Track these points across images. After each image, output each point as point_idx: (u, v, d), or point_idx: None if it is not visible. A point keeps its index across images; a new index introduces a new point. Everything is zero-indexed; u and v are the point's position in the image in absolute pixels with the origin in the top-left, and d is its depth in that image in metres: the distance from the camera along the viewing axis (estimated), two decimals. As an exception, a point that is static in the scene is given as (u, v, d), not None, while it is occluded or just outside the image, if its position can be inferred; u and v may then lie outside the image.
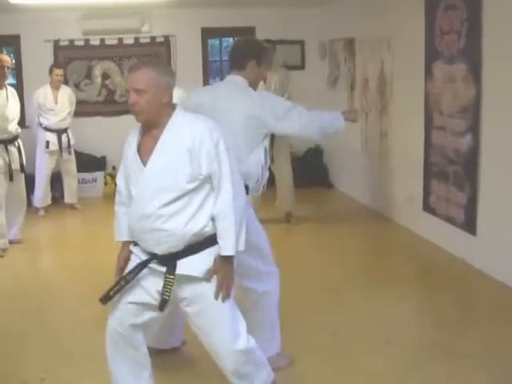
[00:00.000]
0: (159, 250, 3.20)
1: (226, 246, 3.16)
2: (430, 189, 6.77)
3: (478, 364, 4.15)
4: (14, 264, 6.66)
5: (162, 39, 10.19)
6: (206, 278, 3.19)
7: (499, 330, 4.66)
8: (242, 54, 4.06)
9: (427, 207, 6.86)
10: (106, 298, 3.32)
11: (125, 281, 3.29)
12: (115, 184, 8.65)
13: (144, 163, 3.18)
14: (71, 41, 9.94)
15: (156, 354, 4.09)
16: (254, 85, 4.10)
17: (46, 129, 8.66)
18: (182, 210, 3.14)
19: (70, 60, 9.97)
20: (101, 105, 10.16)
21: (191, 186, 3.12)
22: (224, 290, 3.19)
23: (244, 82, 4.02)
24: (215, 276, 3.20)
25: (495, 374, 4.03)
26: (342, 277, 5.91)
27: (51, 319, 5.17)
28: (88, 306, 5.19)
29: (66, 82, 9.21)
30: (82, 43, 10.01)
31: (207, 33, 10.25)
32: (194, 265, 3.20)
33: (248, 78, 4.03)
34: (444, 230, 6.52)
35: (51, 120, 8.66)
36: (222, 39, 11.04)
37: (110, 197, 9.61)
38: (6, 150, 6.77)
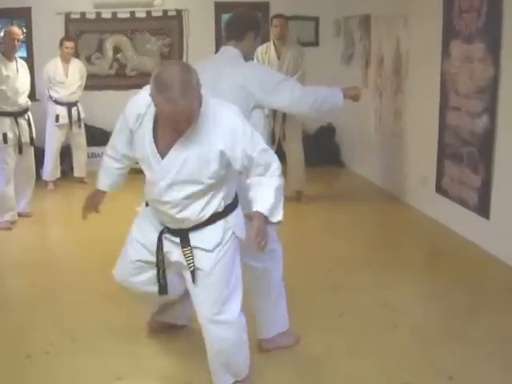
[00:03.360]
0: (172, 226, 3.33)
1: (262, 206, 3.17)
2: (444, 170, 6.70)
3: (488, 350, 4.12)
4: (22, 237, 6.67)
5: (175, 13, 10.10)
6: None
7: (510, 316, 4.62)
8: (242, 25, 4.10)
9: (440, 189, 6.80)
10: (162, 289, 3.55)
11: (162, 263, 3.46)
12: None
13: (161, 154, 3.13)
14: (83, 14, 9.87)
15: (162, 329, 4.16)
16: (247, 57, 4.11)
17: (56, 102, 8.62)
18: (197, 199, 3.20)
19: (81, 33, 9.91)
20: (112, 78, 10.10)
21: (212, 181, 3.16)
22: (260, 238, 3.14)
23: (238, 54, 4.02)
24: (219, 247, 3.30)
25: (505, 360, 3.99)
26: (352, 258, 5.89)
27: (57, 293, 5.16)
28: (95, 280, 5.27)
29: (76, 55, 9.16)
30: (93, 16, 9.93)
31: (220, 7, 10.12)
32: (205, 238, 3.29)
33: (243, 50, 4.04)
34: (456, 212, 6.46)
35: (61, 93, 8.62)
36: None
37: (119, 171, 9.63)
38: (16, 122, 6.77)
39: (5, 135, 6.65)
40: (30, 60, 9.26)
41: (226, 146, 3.08)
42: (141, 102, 3.24)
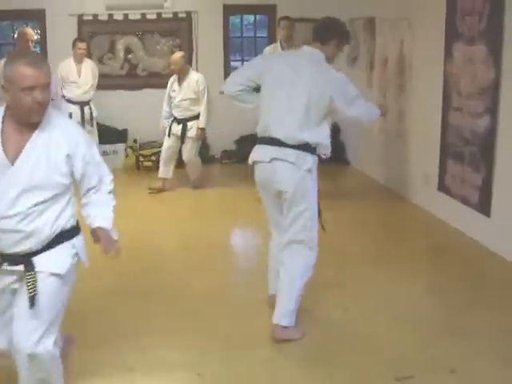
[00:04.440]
0: (18, 249, 3.08)
1: (105, 222, 3.26)
2: (446, 169, 6.78)
3: (489, 345, 4.18)
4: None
5: (184, 15, 10.24)
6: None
7: (510, 311, 4.70)
8: (330, 29, 4.36)
9: (442, 187, 6.87)
10: None
11: None
12: (136, 156, 8.83)
13: (10, 160, 3.00)
14: (95, 15, 10.04)
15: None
16: (327, 62, 4.30)
17: (69, 101, 8.76)
18: (48, 207, 3.08)
19: (94, 34, 10.08)
20: (123, 78, 10.27)
21: (63, 187, 3.11)
22: (112, 246, 3.21)
23: (322, 55, 4.25)
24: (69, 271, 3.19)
25: (505, 355, 4.04)
26: (355, 254, 5.96)
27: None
28: (102, 276, 5.27)
29: (89, 56, 9.28)
30: (105, 18, 10.10)
31: (229, 9, 10.26)
32: (54, 262, 3.15)
33: (325, 53, 4.27)
34: (458, 210, 6.53)
35: (74, 92, 8.77)
36: (244, 16, 11.05)
37: (130, 168, 9.80)
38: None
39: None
40: (43, 61, 9.41)
41: (70, 152, 3.08)
42: None
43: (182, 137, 8.45)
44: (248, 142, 8.33)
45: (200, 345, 4.20)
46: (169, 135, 8.50)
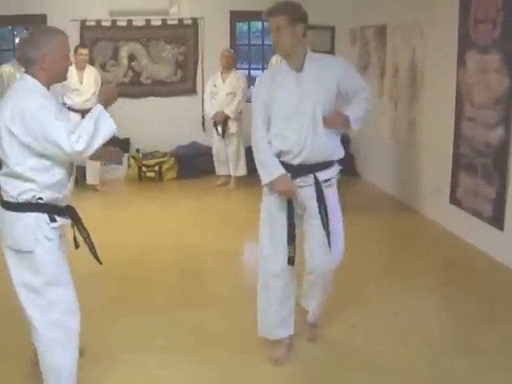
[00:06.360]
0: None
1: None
2: (458, 181, 6.67)
3: (499, 361, 4.11)
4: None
5: (190, 21, 10.13)
6: None
7: (523, 328, 4.61)
8: None
9: (454, 200, 6.77)
10: None
11: None
12: (138, 166, 8.72)
13: None
14: (98, 21, 9.93)
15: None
16: None
17: (70, 109, 8.61)
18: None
19: (97, 40, 9.97)
20: (126, 86, 10.08)
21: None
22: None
23: None
24: None
25: None
26: (364, 268, 5.87)
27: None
28: (104, 287, 5.35)
29: (91, 63, 9.20)
30: (108, 24, 9.99)
31: (236, 16, 10.16)
32: None
33: None
34: (471, 223, 6.44)
35: (75, 100, 8.65)
36: (251, 23, 10.93)
37: (132, 179, 9.67)
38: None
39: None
40: (44, 67, 9.30)
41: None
42: None
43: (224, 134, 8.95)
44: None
45: (201, 362, 4.13)
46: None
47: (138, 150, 9.89)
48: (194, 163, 9.80)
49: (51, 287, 3.43)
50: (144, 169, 9.66)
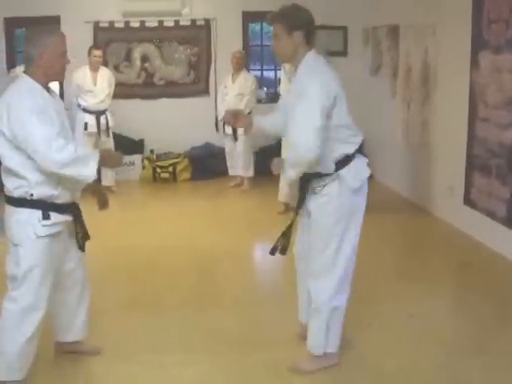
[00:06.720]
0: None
1: None
2: (472, 182, 6.64)
3: None
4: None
5: (203, 22, 10.14)
6: None
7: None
8: None
9: (468, 200, 6.73)
10: None
11: None
12: (153, 167, 8.78)
13: None
14: (111, 22, 9.96)
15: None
16: None
17: (85, 110, 8.68)
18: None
19: (110, 42, 9.99)
20: (140, 87, 10.15)
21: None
22: None
23: None
24: None
25: None
26: (378, 269, 5.84)
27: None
28: (121, 288, 5.37)
29: (105, 64, 9.22)
30: (121, 25, 10.01)
31: (248, 17, 10.17)
32: None
33: None
34: (485, 224, 6.40)
35: (90, 101, 8.67)
36: (263, 24, 10.90)
37: (147, 180, 9.69)
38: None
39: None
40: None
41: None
42: None
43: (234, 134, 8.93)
44: (267, 153, 8.30)
45: (218, 364, 4.13)
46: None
47: (152, 151, 9.91)
48: (207, 164, 9.83)
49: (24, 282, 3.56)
50: (158, 170, 9.68)
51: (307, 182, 3.87)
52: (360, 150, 3.98)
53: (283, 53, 3.86)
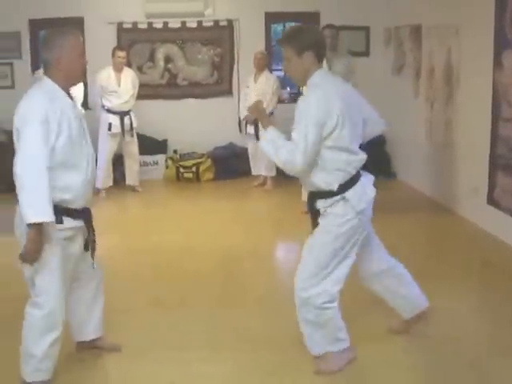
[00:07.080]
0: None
1: None
2: (496, 181, 6.62)
3: None
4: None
5: (226, 23, 10.18)
6: None
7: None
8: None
9: (492, 200, 6.71)
10: None
11: None
12: (176, 167, 8.84)
13: None
14: (134, 23, 10.03)
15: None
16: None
17: (109, 111, 8.74)
18: None
19: (133, 43, 10.06)
20: (163, 88, 10.21)
21: None
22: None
23: None
24: None
25: None
26: (401, 268, 5.82)
27: (108, 300, 5.20)
28: (146, 288, 5.42)
29: (128, 65, 9.28)
30: (145, 26, 10.08)
31: (271, 17, 10.18)
32: None
33: None
34: (508, 224, 6.38)
35: (114, 102, 8.73)
36: (286, 24, 10.92)
37: (170, 180, 9.76)
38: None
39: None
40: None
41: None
42: None
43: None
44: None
45: (242, 362, 4.16)
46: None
47: (175, 151, 9.97)
48: (230, 164, 9.87)
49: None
50: (182, 170, 9.73)
51: (314, 201, 3.90)
52: (366, 167, 4.02)
53: (295, 74, 3.86)
